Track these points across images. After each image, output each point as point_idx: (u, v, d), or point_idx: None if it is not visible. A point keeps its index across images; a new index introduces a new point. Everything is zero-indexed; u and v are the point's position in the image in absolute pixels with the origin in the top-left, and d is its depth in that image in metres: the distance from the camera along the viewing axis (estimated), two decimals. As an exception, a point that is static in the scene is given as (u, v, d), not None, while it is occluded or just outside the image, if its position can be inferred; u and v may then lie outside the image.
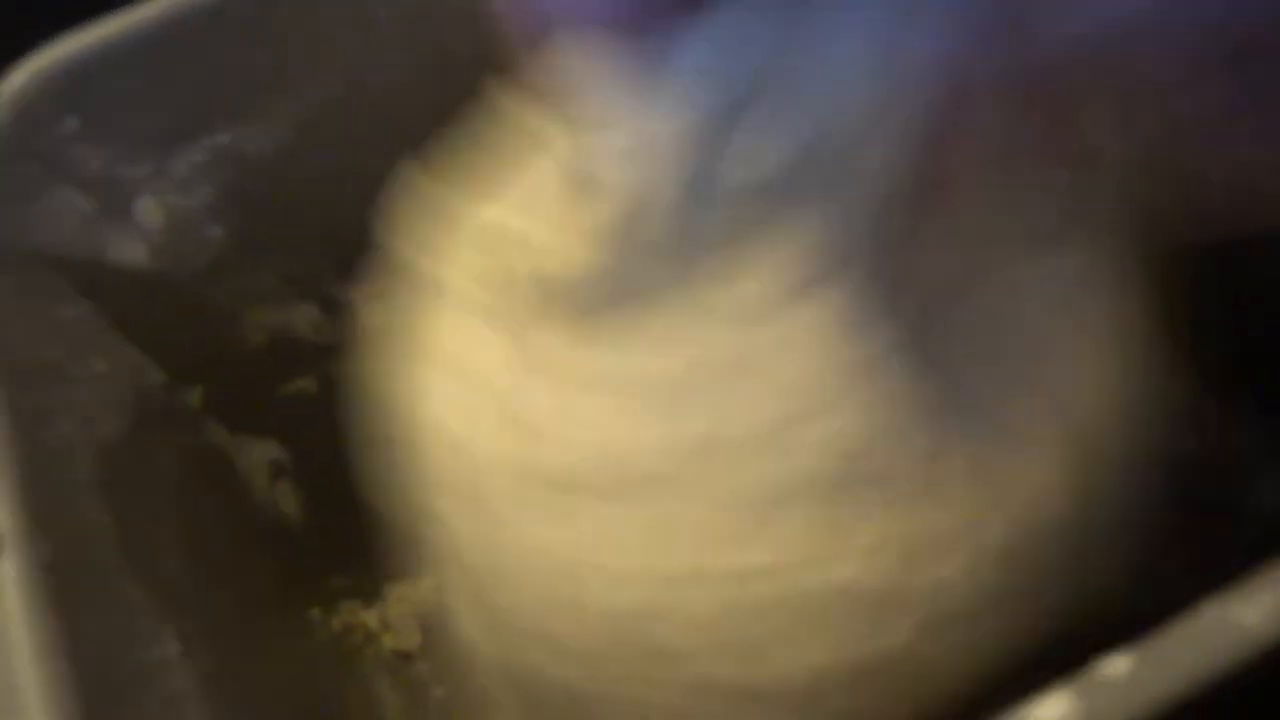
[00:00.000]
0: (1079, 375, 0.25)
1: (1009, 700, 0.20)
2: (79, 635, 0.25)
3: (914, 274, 0.24)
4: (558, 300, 0.24)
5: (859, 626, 0.24)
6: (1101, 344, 0.26)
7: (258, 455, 0.35)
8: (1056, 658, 0.23)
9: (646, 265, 0.23)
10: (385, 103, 0.33)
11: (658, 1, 0.22)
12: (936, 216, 0.24)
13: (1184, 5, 0.21)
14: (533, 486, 0.25)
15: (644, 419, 0.24)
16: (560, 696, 0.26)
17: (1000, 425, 0.24)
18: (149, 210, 0.32)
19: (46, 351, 0.29)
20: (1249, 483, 0.35)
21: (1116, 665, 0.20)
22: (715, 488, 0.23)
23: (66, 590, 0.25)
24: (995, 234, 0.25)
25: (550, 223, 0.25)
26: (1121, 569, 0.27)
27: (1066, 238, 0.25)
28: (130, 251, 0.32)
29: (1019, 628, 0.25)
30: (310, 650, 0.35)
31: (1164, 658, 0.19)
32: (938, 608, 0.24)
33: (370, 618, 0.37)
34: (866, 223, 0.23)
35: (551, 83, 0.23)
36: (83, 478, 0.28)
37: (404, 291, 0.28)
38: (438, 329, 0.27)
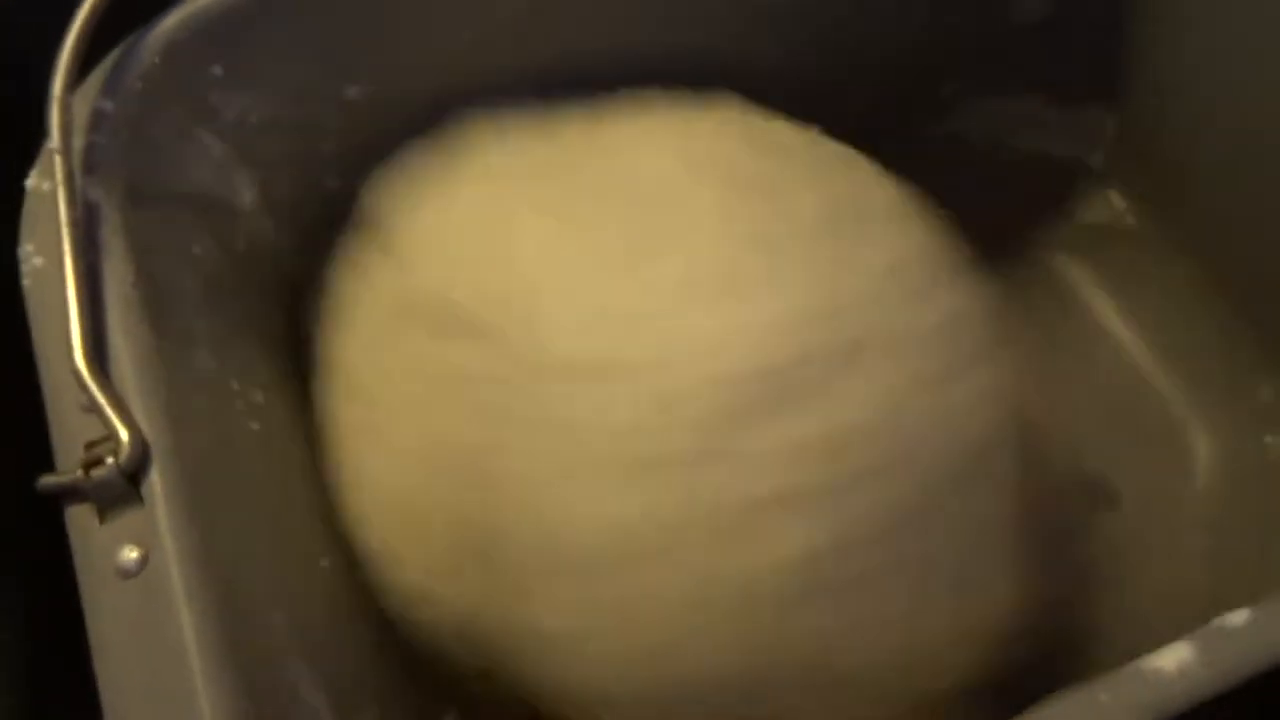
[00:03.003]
0: None
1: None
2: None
3: None
4: None
5: None
6: None
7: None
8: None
9: None
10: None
11: None
12: None
13: None
14: None
15: None
16: None
17: None
18: (275, 159, 0.33)
19: (183, 282, 0.30)
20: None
21: (1236, 617, 0.20)
22: None
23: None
24: None
25: None
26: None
27: None
28: (256, 197, 0.33)
29: None
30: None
31: (1285, 612, 0.20)
32: None
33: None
34: None
35: None
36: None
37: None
38: None
